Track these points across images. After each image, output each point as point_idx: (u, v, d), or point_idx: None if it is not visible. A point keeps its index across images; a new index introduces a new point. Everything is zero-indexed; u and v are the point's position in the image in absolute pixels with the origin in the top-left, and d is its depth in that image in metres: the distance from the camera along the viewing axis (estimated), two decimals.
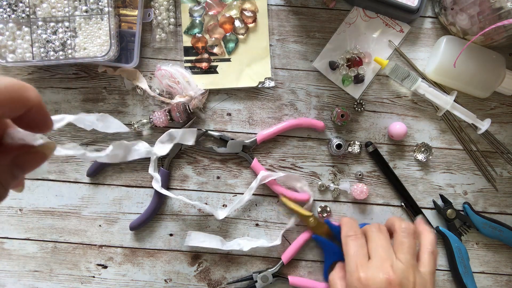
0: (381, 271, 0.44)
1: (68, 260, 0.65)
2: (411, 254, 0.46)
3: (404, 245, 0.46)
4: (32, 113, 0.27)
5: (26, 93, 0.26)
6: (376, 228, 0.49)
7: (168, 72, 0.62)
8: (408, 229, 0.48)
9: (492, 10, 0.55)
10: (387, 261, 0.45)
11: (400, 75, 0.62)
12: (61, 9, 0.60)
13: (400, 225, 0.48)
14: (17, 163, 0.28)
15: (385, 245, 0.47)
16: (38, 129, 0.28)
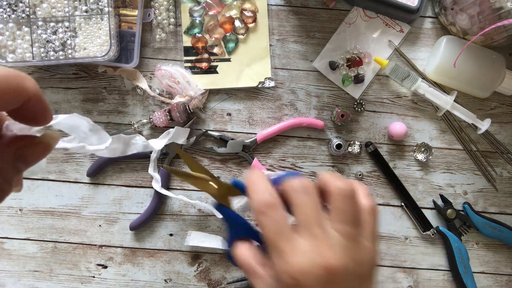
0: (317, 255, 0.31)
1: (68, 260, 0.65)
2: (352, 222, 0.33)
3: (343, 211, 0.33)
4: (30, 105, 0.25)
5: (24, 83, 0.24)
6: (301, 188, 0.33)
7: (168, 72, 0.62)
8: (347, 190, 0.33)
9: (492, 10, 0.55)
10: (322, 237, 0.31)
11: (400, 75, 0.62)
12: (61, 9, 0.60)
13: (337, 185, 0.33)
14: (20, 156, 0.26)
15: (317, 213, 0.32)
16: (37, 122, 0.26)
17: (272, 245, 0.32)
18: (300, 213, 0.33)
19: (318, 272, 0.30)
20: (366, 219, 0.34)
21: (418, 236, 0.65)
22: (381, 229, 0.65)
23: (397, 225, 0.65)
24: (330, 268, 0.30)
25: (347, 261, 0.31)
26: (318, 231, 0.32)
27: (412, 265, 0.65)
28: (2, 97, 0.23)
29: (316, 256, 0.31)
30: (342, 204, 0.33)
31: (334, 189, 0.33)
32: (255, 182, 0.35)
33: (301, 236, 0.32)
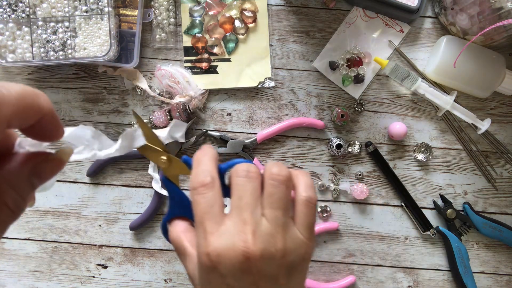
0: (237, 239, 0.30)
1: (68, 260, 0.65)
2: (282, 208, 0.32)
3: (273, 197, 0.32)
4: (43, 122, 0.25)
5: (38, 101, 0.24)
6: (242, 172, 0.33)
7: (168, 72, 0.62)
8: (279, 175, 0.33)
9: (492, 10, 0.55)
10: (249, 222, 0.31)
11: (400, 75, 0.62)
12: (61, 9, 0.60)
13: (270, 169, 0.33)
14: (35, 172, 0.26)
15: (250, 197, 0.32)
16: (49, 138, 0.27)
17: (199, 224, 0.32)
18: (235, 196, 0.32)
19: (236, 256, 0.30)
20: (301, 209, 0.34)
21: (418, 236, 0.65)
22: (381, 229, 0.65)
23: (397, 225, 0.65)
24: (248, 253, 0.30)
25: (268, 248, 0.30)
26: (247, 216, 0.31)
27: (412, 265, 0.65)
28: (18, 115, 0.23)
29: (237, 240, 0.30)
30: (272, 189, 0.32)
31: (267, 174, 0.33)
32: (199, 161, 0.34)
33: (230, 219, 0.31)
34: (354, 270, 0.65)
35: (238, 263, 0.30)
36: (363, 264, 0.65)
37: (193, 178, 0.33)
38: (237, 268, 0.30)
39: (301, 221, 0.33)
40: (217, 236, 0.31)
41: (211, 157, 0.35)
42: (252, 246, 0.30)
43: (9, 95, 0.22)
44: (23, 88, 0.23)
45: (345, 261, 0.65)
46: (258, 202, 0.32)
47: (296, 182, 0.35)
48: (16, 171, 0.25)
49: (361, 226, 0.65)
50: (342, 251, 0.65)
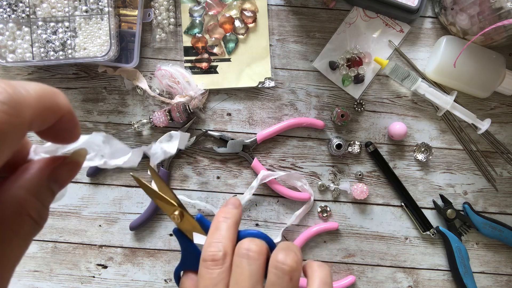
0: None
1: (68, 260, 0.65)
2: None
3: None
4: (62, 122, 0.23)
5: (58, 100, 0.22)
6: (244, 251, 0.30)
7: (168, 72, 0.62)
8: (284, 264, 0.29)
9: (492, 10, 0.55)
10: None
11: (400, 75, 0.62)
12: (61, 9, 0.60)
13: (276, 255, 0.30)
14: (54, 177, 0.25)
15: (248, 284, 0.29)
16: (66, 140, 0.25)
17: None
18: (232, 278, 0.30)
19: None
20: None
21: (418, 236, 0.65)
22: (381, 229, 0.65)
23: (397, 225, 0.65)
24: None
25: None
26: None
27: (412, 265, 0.65)
28: (39, 117, 0.21)
29: None
30: (274, 278, 0.29)
31: (272, 260, 0.30)
32: (217, 227, 0.32)
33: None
34: (354, 270, 0.65)
35: None
36: (363, 264, 0.65)
37: (206, 248, 0.31)
38: None
39: None
40: None
41: (232, 223, 0.32)
42: None
43: (29, 96, 0.20)
44: (41, 87, 0.22)
45: (345, 261, 0.65)
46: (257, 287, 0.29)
47: (311, 275, 0.32)
48: (36, 179, 0.24)
49: (361, 226, 0.65)
50: (342, 251, 0.65)
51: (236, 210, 0.34)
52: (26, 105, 0.20)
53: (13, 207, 0.22)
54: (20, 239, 0.22)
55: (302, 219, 0.64)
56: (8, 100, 0.19)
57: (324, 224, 0.64)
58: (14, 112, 0.19)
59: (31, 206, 0.23)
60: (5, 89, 0.19)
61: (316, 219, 0.65)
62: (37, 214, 0.23)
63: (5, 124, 0.18)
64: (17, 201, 0.22)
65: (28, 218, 0.22)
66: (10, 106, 0.19)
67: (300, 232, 0.64)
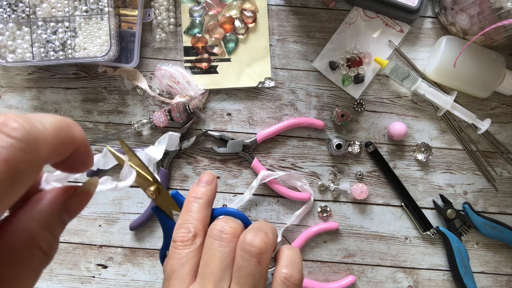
0: None
1: (68, 260, 0.65)
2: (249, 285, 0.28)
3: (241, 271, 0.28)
4: (76, 154, 0.23)
5: (73, 132, 0.22)
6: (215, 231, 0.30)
7: (168, 72, 0.62)
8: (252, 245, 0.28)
9: (492, 10, 0.55)
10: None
11: (400, 75, 0.62)
12: (61, 9, 0.60)
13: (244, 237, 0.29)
14: (66, 208, 0.24)
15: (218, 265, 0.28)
16: (79, 170, 0.25)
17: (165, 280, 0.30)
18: (203, 260, 0.29)
19: None
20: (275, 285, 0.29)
21: (418, 236, 0.65)
22: (381, 229, 0.65)
23: (397, 225, 0.65)
24: None
25: None
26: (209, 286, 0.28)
27: (412, 265, 0.65)
28: (55, 151, 0.21)
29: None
30: (241, 262, 0.28)
31: (240, 241, 0.29)
32: (189, 208, 0.32)
33: (193, 284, 0.29)
34: (354, 270, 0.65)
35: None
36: (363, 264, 0.65)
37: (176, 229, 0.31)
38: None
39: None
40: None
41: (203, 203, 0.32)
42: None
43: (45, 132, 0.20)
44: (58, 121, 0.21)
45: (345, 261, 0.65)
46: (227, 272, 0.29)
47: (279, 256, 0.31)
48: (48, 210, 0.23)
49: (361, 226, 0.65)
50: (342, 251, 0.65)
51: (209, 187, 0.33)
52: (43, 141, 0.20)
53: (24, 239, 0.21)
54: (30, 272, 0.21)
55: (302, 219, 0.64)
56: (25, 137, 0.18)
57: (324, 224, 0.64)
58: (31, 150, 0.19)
59: (42, 238, 0.22)
60: (22, 125, 0.19)
61: (316, 219, 0.65)
62: (48, 246, 0.23)
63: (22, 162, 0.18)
64: (28, 233, 0.22)
65: (38, 251, 0.22)
66: (27, 143, 0.18)
67: (300, 232, 0.64)
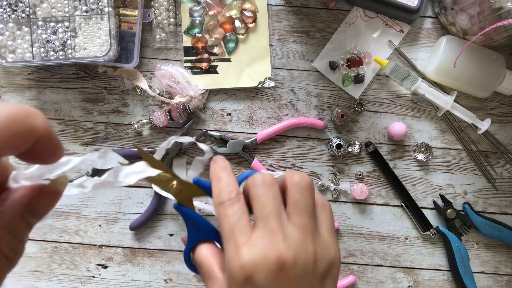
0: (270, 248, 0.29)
1: (68, 260, 0.65)
2: (309, 215, 0.32)
3: (299, 203, 0.32)
4: (40, 146, 0.22)
5: (32, 122, 0.21)
6: (260, 181, 0.32)
7: (168, 72, 0.62)
8: (302, 181, 0.33)
9: (492, 10, 0.55)
10: (277, 229, 0.30)
11: (400, 75, 0.62)
12: (61, 9, 0.60)
13: (292, 177, 0.33)
14: (31, 209, 0.23)
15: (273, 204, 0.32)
16: (47, 161, 0.24)
17: (228, 238, 0.31)
18: (258, 205, 0.32)
19: (271, 265, 0.29)
20: (323, 213, 0.34)
21: (418, 236, 0.65)
22: (381, 229, 0.65)
23: (397, 225, 0.65)
24: (282, 261, 0.29)
25: (301, 253, 0.30)
26: (274, 224, 0.31)
27: (412, 265, 0.65)
28: (10, 142, 0.20)
29: (269, 248, 0.30)
30: (297, 196, 0.32)
31: (290, 181, 0.33)
32: (220, 177, 0.34)
33: (257, 229, 0.31)
34: (354, 270, 0.65)
35: (273, 272, 0.29)
36: (363, 264, 0.65)
37: (218, 194, 0.33)
38: (272, 277, 0.29)
39: (326, 224, 0.33)
40: (249, 248, 0.30)
41: (230, 170, 0.35)
42: (285, 254, 0.29)
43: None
44: (12, 110, 0.20)
45: (345, 261, 0.65)
46: (282, 209, 0.32)
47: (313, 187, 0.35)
48: (10, 211, 0.22)
49: (361, 226, 0.65)
50: (342, 251, 0.65)
51: (227, 162, 0.36)
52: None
53: None
54: None
55: None
56: None
57: None
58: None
59: (4, 241, 0.22)
60: None
61: None
62: (10, 251, 0.22)
63: None
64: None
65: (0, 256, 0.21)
66: None
67: None
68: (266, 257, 0.29)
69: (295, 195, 0.32)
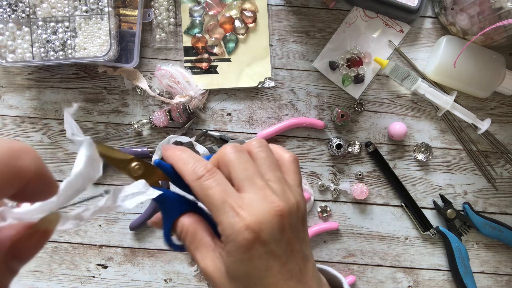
0: (267, 203, 0.31)
1: (68, 260, 0.65)
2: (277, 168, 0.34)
3: (267, 161, 0.34)
4: (30, 186, 0.20)
5: (19, 163, 0.19)
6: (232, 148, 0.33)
7: (168, 72, 0.62)
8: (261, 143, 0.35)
9: (492, 10, 0.55)
10: (265, 186, 0.32)
11: (400, 75, 0.62)
12: (61, 9, 0.60)
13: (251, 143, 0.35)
14: (14, 253, 0.21)
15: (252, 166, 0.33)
16: (40, 199, 0.22)
17: (219, 207, 0.31)
18: (239, 169, 0.32)
19: (273, 217, 0.30)
20: (291, 167, 0.36)
21: (418, 236, 0.65)
22: (381, 229, 0.65)
23: (397, 225, 0.65)
24: (280, 211, 0.31)
25: (289, 203, 0.32)
26: (261, 182, 0.32)
27: (412, 265, 0.65)
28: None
29: (267, 204, 0.31)
30: (263, 155, 0.34)
31: (252, 146, 0.35)
32: (184, 157, 0.33)
33: (246, 190, 0.31)
34: (354, 270, 0.65)
35: (276, 224, 0.30)
36: (363, 264, 0.65)
37: (193, 170, 0.32)
38: (276, 230, 0.30)
39: (294, 177, 0.35)
40: (248, 207, 0.30)
41: (191, 151, 0.34)
42: (280, 205, 0.31)
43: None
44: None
45: (345, 261, 0.65)
46: (258, 168, 0.33)
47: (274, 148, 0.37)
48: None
49: (361, 226, 0.65)
50: (342, 251, 0.65)
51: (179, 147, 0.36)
52: None
53: None
54: None
55: None
56: None
57: (324, 224, 0.64)
58: None
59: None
60: None
61: (316, 219, 0.65)
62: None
63: None
64: None
65: None
66: None
67: None
68: (267, 211, 0.30)
69: (262, 154, 0.34)
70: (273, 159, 0.34)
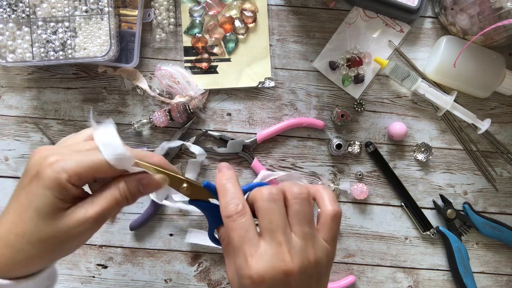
0: (276, 259, 0.33)
1: (68, 260, 0.65)
2: (308, 223, 0.35)
3: (299, 214, 0.35)
4: None
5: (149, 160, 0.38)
6: (267, 195, 0.35)
7: (168, 72, 0.62)
8: (301, 193, 0.36)
9: (492, 10, 0.55)
10: (283, 242, 0.34)
11: (400, 75, 0.62)
12: (61, 9, 0.60)
13: (292, 190, 0.36)
14: (142, 182, 0.38)
15: (279, 218, 0.35)
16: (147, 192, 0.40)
17: (237, 249, 0.34)
18: (265, 219, 0.35)
19: (277, 275, 0.33)
20: (328, 223, 0.37)
21: (418, 236, 0.65)
22: (381, 229, 0.65)
23: (397, 225, 0.65)
24: (288, 271, 0.33)
25: (304, 262, 0.34)
26: (280, 237, 0.34)
27: (412, 265, 0.65)
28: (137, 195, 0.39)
29: (276, 261, 0.33)
30: (297, 207, 0.36)
31: (290, 194, 0.36)
32: (226, 189, 0.37)
33: (264, 241, 0.34)
34: (354, 270, 0.65)
35: (279, 281, 0.33)
36: (363, 264, 0.65)
37: (226, 207, 0.36)
38: (279, 285, 0.33)
39: (327, 233, 0.37)
40: (257, 259, 0.33)
41: (235, 181, 0.38)
42: (291, 264, 0.33)
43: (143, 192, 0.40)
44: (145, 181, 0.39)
45: (345, 261, 0.65)
46: (286, 222, 0.35)
47: (319, 197, 0.38)
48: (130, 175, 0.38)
49: (361, 226, 0.65)
50: (342, 251, 0.65)
51: (232, 171, 0.39)
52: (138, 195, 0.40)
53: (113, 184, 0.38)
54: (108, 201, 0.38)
55: None
56: None
57: None
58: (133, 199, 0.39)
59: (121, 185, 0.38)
60: None
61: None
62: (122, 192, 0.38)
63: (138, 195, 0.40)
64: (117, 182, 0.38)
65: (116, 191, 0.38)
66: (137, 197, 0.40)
67: None
68: (273, 268, 0.33)
69: (296, 206, 0.36)
70: (306, 212, 0.36)
